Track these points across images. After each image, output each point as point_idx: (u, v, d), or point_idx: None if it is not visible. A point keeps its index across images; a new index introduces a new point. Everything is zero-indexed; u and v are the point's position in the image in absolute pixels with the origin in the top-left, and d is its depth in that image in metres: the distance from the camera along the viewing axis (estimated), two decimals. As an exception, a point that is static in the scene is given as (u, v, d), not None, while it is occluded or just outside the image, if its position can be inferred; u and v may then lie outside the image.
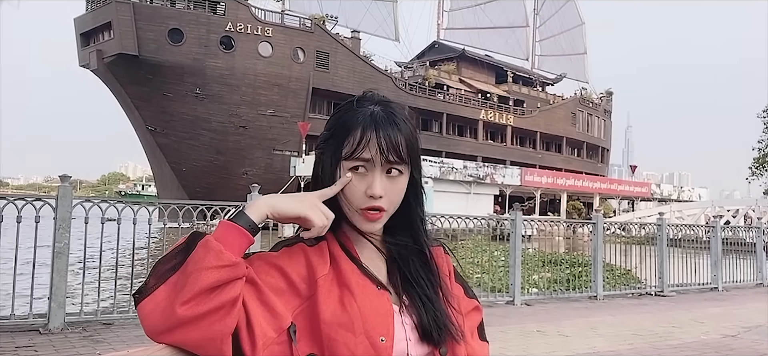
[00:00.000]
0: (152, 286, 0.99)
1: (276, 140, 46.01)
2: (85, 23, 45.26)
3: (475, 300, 1.28)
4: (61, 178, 6.33)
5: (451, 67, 62.28)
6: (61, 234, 6.07)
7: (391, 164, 1.10)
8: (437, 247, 1.25)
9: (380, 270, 1.15)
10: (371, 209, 1.10)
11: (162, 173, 46.94)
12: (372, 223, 1.12)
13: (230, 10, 44.36)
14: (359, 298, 1.07)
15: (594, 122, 72.93)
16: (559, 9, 76.42)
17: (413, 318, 1.12)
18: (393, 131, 1.11)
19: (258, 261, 1.08)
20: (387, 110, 1.14)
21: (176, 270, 0.98)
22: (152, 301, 0.98)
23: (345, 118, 1.13)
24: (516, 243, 9.41)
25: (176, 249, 1.02)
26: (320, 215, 1.07)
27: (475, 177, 47.47)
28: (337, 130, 1.13)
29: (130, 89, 43.25)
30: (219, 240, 0.99)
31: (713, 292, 12.01)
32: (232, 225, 1.02)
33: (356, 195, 1.10)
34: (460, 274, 1.30)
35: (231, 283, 0.97)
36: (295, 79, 46.27)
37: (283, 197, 1.08)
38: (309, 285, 1.07)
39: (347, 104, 1.17)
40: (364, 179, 1.10)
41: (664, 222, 11.84)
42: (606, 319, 8.35)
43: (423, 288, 1.15)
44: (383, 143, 1.09)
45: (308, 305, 1.06)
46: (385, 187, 1.10)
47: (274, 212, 1.06)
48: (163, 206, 7.12)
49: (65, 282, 6.10)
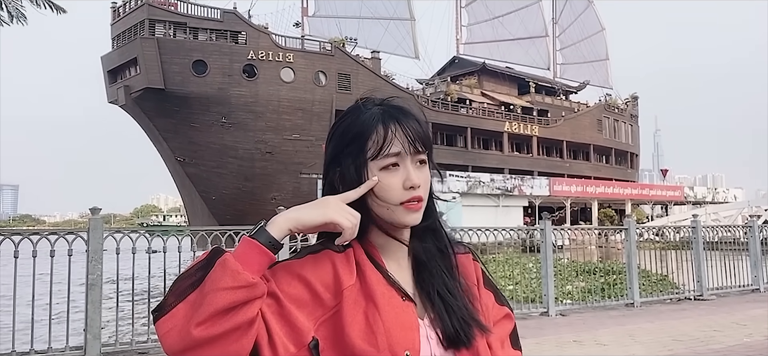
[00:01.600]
0: (171, 304, 0.98)
1: (302, 163, 46.32)
2: (111, 61, 46.35)
3: (506, 307, 1.25)
4: (92, 211, 6.42)
5: (473, 81, 62.13)
6: (94, 266, 6.15)
7: (419, 154, 1.11)
8: (466, 254, 1.23)
9: (406, 278, 1.13)
10: (411, 200, 1.09)
11: (192, 202, 47.55)
12: (415, 213, 1.10)
13: (251, 38, 45.02)
14: (384, 312, 1.05)
15: (621, 127, 71.95)
16: (578, 16, 75.95)
17: (437, 331, 1.09)
18: (413, 121, 1.12)
19: (281, 271, 1.06)
20: (398, 105, 1.14)
21: (195, 288, 0.97)
22: (171, 320, 0.97)
23: (357, 122, 1.12)
24: (547, 253, 9.28)
25: (196, 266, 1.01)
26: (347, 216, 1.05)
27: (502, 190, 47.12)
28: (351, 136, 1.11)
29: (158, 121, 44.06)
30: (238, 259, 0.98)
31: (755, 293, 11.67)
32: (252, 243, 1.01)
33: (394, 191, 1.09)
34: (490, 280, 1.26)
35: (248, 304, 0.96)
36: (318, 103, 46.65)
37: (304, 208, 1.06)
38: (334, 295, 1.05)
39: (350, 110, 1.16)
40: (397, 173, 1.09)
41: (699, 224, 11.57)
42: (644, 326, 8.15)
43: (449, 293, 1.13)
44: (410, 133, 1.10)
45: (333, 315, 1.04)
46: (419, 176, 1.10)
47: (298, 226, 1.05)
48: (192, 233, 7.18)
49: (100, 314, 6.16)
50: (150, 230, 7.30)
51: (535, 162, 60.51)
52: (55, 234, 6.20)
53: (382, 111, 1.12)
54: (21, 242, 6.07)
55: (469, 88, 60.65)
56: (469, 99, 59.02)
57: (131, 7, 44.86)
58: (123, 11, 45.74)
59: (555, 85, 69.81)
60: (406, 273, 1.14)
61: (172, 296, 0.99)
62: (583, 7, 76.60)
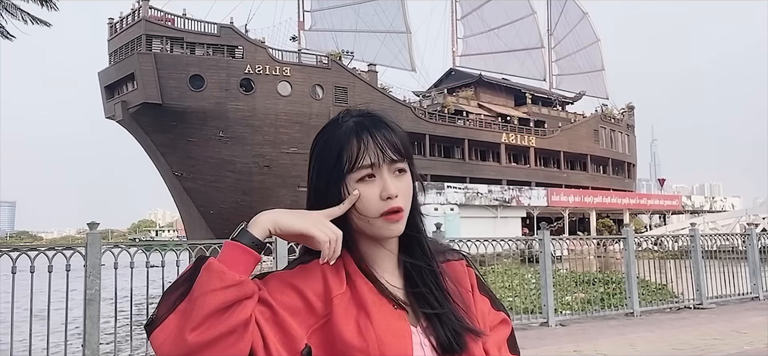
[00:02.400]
0: (162, 315, 0.98)
1: (300, 177, 46.28)
2: (108, 76, 46.41)
3: (502, 313, 1.25)
4: (90, 226, 6.41)
5: (469, 93, 62.31)
6: (92, 281, 6.13)
7: (394, 163, 1.10)
8: (460, 260, 1.23)
9: (397, 286, 1.14)
10: (390, 211, 1.08)
11: (190, 217, 47.47)
12: (396, 224, 1.09)
13: (248, 53, 45.15)
14: (376, 320, 1.05)
15: (617, 137, 72.12)
16: (573, 27, 76.34)
17: (431, 339, 1.09)
18: (386, 130, 1.11)
19: (273, 280, 1.06)
20: (371, 116, 1.14)
21: (184, 297, 0.97)
22: (164, 331, 0.96)
23: (333, 137, 1.11)
24: (546, 263, 9.28)
25: (183, 276, 1.01)
26: (326, 232, 1.04)
27: (500, 201, 47.16)
28: (328, 151, 1.11)
29: (155, 136, 44.07)
30: (223, 261, 0.98)
31: (754, 301, 11.67)
32: (235, 244, 1.02)
33: (372, 203, 1.08)
34: (485, 285, 1.26)
35: (240, 304, 0.96)
36: (315, 116, 46.71)
37: (287, 213, 1.06)
38: (325, 303, 1.05)
39: (327, 126, 1.15)
40: (374, 184, 1.09)
41: (697, 233, 11.58)
42: (644, 335, 8.14)
43: (441, 300, 1.13)
44: (381, 142, 1.09)
45: (324, 323, 1.05)
46: (397, 186, 1.09)
47: (277, 228, 1.05)
48: (190, 247, 7.16)
49: (98, 329, 6.14)
50: (147, 245, 7.28)
51: (533, 173, 60.58)
52: (53, 250, 6.18)
53: (355, 123, 1.11)
54: (19, 257, 6.06)
55: (465, 99, 60.80)
56: (465, 111, 59.16)
57: (128, 23, 45.01)
58: (120, 27, 45.88)
59: (551, 96, 70.02)
60: (397, 281, 1.14)
61: (162, 308, 0.99)
62: (578, 19, 77.02)
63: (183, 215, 49.69)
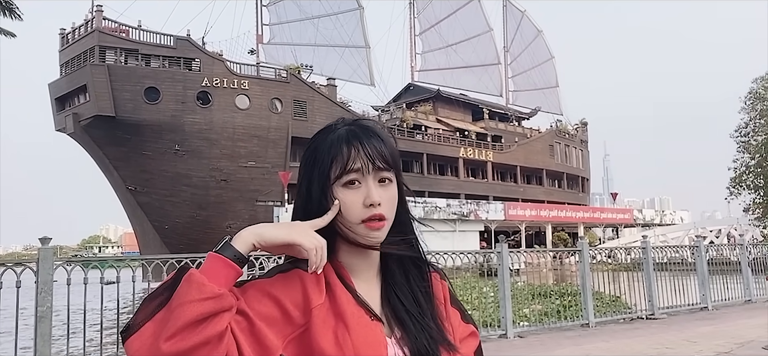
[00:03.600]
0: (139, 323, 0.97)
1: (258, 191, 45.83)
2: (59, 88, 45.12)
3: (471, 325, 1.27)
4: (42, 240, 6.22)
5: (428, 107, 62.89)
6: (44, 298, 5.94)
7: (380, 172, 1.12)
8: (433, 273, 1.25)
9: (375, 297, 1.15)
10: (372, 218, 1.10)
11: (144, 231, 46.37)
12: (376, 232, 1.11)
13: (205, 65, 44.58)
14: (353, 331, 1.06)
15: (572, 152, 73.78)
16: (528, 45, 77.98)
17: (405, 349, 1.11)
18: (375, 139, 1.13)
19: (251, 289, 1.07)
20: (363, 125, 1.17)
21: (163, 306, 0.97)
22: (139, 339, 0.96)
23: (323, 144, 1.14)
24: (504, 276, 9.40)
25: (163, 285, 1.00)
26: (312, 240, 1.06)
27: (459, 215, 47.58)
28: (318, 156, 1.13)
29: (108, 150, 42.99)
30: (204, 273, 0.99)
31: (703, 311, 12.05)
32: (217, 257, 1.02)
33: (355, 209, 1.10)
34: (457, 298, 1.28)
35: (216, 316, 0.96)
36: (274, 130, 46.38)
37: (270, 226, 1.08)
38: (303, 313, 1.06)
39: (319, 133, 1.18)
40: (359, 191, 1.10)
41: (648, 245, 11.91)
42: (599, 345, 8.32)
43: (416, 312, 1.14)
44: (369, 151, 1.11)
45: (302, 333, 1.05)
46: (381, 195, 1.11)
47: (261, 241, 1.05)
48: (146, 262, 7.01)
49: (49, 347, 5.94)
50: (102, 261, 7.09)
51: (491, 187, 61.37)
52: (3, 266, 5.97)
53: (346, 131, 1.14)
54: (-35, 274, 5.82)
55: (424, 114, 61.33)
56: (424, 125, 59.62)
57: (81, 34, 43.91)
58: (72, 38, 44.73)
59: (508, 112, 71.25)
60: (374, 292, 1.16)
61: (140, 315, 0.98)
62: (533, 36, 78.75)
63: (136, 230, 48.48)
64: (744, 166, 34.31)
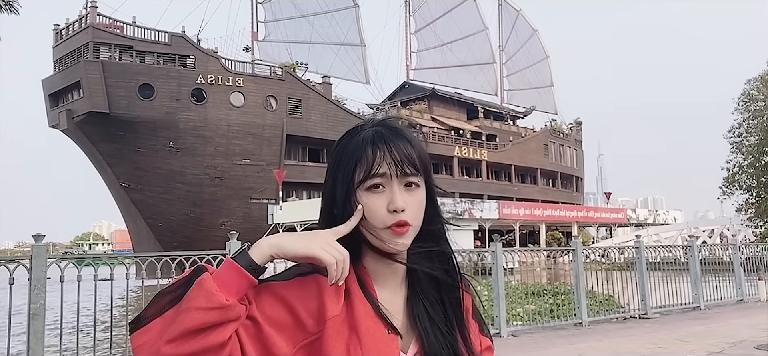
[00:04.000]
0: (149, 317, 0.97)
1: (252, 188, 45.75)
2: (53, 84, 44.92)
3: (488, 339, 1.26)
4: (35, 237, 6.20)
5: (423, 106, 62.92)
6: (37, 295, 5.92)
7: (407, 177, 1.08)
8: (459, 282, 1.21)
9: (398, 306, 1.12)
10: (396, 225, 1.06)
11: (138, 228, 46.23)
12: (401, 237, 1.07)
13: (200, 62, 44.48)
14: (365, 346, 1.03)
15: (566, 152, 73.97)
16: (523, 44, 78.10)
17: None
18: (403, 142, 1.09)
19: (265, 292, 1.04)
20: (390, 126, 1.13)
21: (174, 304, 0.97)
22: (146, 334, 0.96)
23: (350, 146, 1.10)
24: (498, 274, 9.42)
25: (178, 283, 1.00)
26: (333, 253, 1.02)
27: (453, 213, 47.58)
28: (343, 159, 1.09)
29: (101, 146, 42.83)
30: (217, 280, 0.97)
31: (696, 311, 12.11)
32: (233, 265, 1.00)
33: (379, 215, 1.06)
34: (478, 310, 1.26)
35: (220, 326, 0.95)
36: (268, 127, 46.31)
37: (290, 236, 1.05)
38: (317, 322, 1.03)
39: (347, 134, 1.14)
40: (383, 196, 1.07)
41: (642, 245, 11.96)
42: (592, 344, 8.35)
43: (442, 323, 1.11)
44: (396, 154, 1.07)
45: (313, 341, 1.03)
46: (406, 200, 1.07)
47: (280, 253, 1.03)
48: (140, 260, 6.99)
49: (42, 345, 5.92)
50: (96, 258, 7.07)
51: (485, 186, 61.46)
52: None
53: (373, 133, 1.10)
54: (-43, 271, 5.80)
55: (419, 113, 61.33)
56: (419, 124, 59.52)
57: (75, 30, 43.72)
58: (66, 34, 44.52)
59: (502, 111, 71.34)
60: (398, 300, 1.12)
61: (151, 309, 0.98)
62: (528, 36, 78.88)
63: (130, 228, 48.34)
64: (737, 166, 34.46)
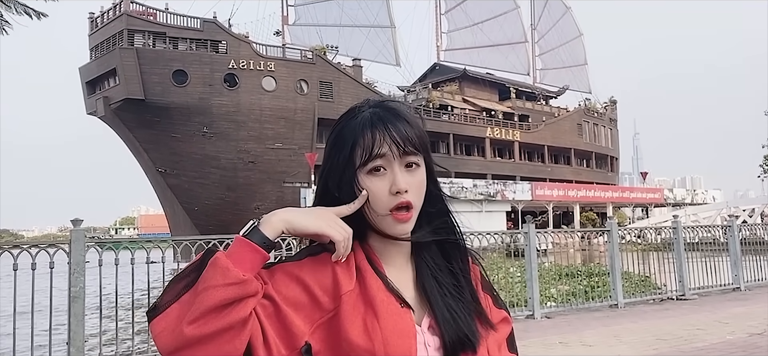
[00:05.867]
0: (166, 304, 0.98)
1: (285, 172, 46.19)
2: (90, 72, 45.89)
3: (504, 311, 1.23)
4: (74, 222, 6.34)
5: (454, 87, 62.47)
6: (76, 278, 6.08)
7: (407, 156, 1.08)
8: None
9: (407, 283, 1.12)
10: (399, 207, 1.06)
11: (174, 213, 47.16)
12: (404, 224, 1.08)
13: (232, 47, 44.87)
14: (382, 319, 1.03)
15: (600, 131, 72.73)
16: (556, 22, 76.76)
17: (436, 338, 1.08)
18: (401, 122, 1.09)
19: (279, 272, 1.05)
20: (388, 106, 1.12)
21: (189, 288, 0.97)
22: (164, 320, 0.97)
23: (348, 127, 1.10)
24: (531, 256, 9.34)
25: (191, 267, 1.00)
26: (340, 231, 1.04)
27: (485, 195, 47.37)
28: (342, 141, 1.10)
29: (138, 132, 43.68)
30: (230, 257, 0.98)
31: (736, 292, 11.83)
32: (244, 242, 1.01)
33: (381, 198, 1.07)
34: (488, 282, 1.25)
35: (240, 302, 0.95)
36: (300, 111, 46.57)
37: (299, 212, 1.05)
38: (332, 299, 1.04)
39: (344, 116, 1.14)
40: (385, 178, 1.07)
41: (679, 225, 11.71)
42: (628, 326, 8.23)
43: (452, 295, 1.11)
44: (395, 135, 1.07)
45: (330, 319, 1.03)
46: (408, 181, 1.07)
47: (290, 228, 1.04)
48: (175, 243, 7.12)
49: (83, 327, 6.08)
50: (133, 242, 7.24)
51: (518, 167, 60.90)
52: (37, 247, 6.12)
53: (371, 114, 1.10)
54: (1, 255, 5.99)
55: (450, 94, 60.95)
56: (450, 105, 59.28)
57: (109, 18, 44.50)
58: (101, 22, 45.34)
59: (535, 91, 70.43)
60: (406, 278, 1.13)
61: (166, 296, 0.99)
62: (561, 13, 77.44)
63: (167, 212, 49.33)
64: (779, 144, 33.44)
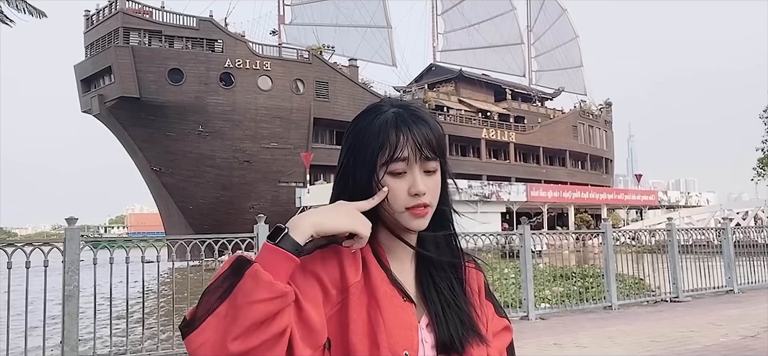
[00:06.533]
0: (201, 317, 0.96)
1: (281, 172, 46.13)
2: (85, 69, 45.73)
3: (505, 320, 1.26)
4: (68, 221, 6.32)
5: (450, 88, 62.54)
6: (71, 277, 6.06)
7: (427, 161, 1.11)
8: (469, 262, 1.24)
9: (408, 280, 1.14)
10: (417, 207, 1.09)
11: (169, 212, 47.04)
12: (420, 219, 1.10)
13: (228, 46, 44.79)
14: (386, 311, 1.06)
15: (595, 133, 72.91)
16: (552, 24, 76.88)
17: (432, 336, 1.10)
18: (423, 127, 1.11)
19: (297, 271, 1.04)
20: (410, 110, 1.14)
21: (224, 299, 0.96)
22: (201, 335, 0.95)
23: (370, 128, 1.11)
24: (526, 257, 9.36)
25: (221, 276, 0.98)
26: (366, 226, 1.06)
27: (480, 196, 47.36)
28: (364, 139, 1.11)
29: (133, 131, 43.54)
30: (266, 268, 0.97)
31: (729, 294, 11.89)
32: (278, 250, 0.99)
33: (400, 197, 1.09)
34: (491, 291, 1.27)
35: (281, 312, 0.95)
36: (296, 111, 46.53)
37: (327, 213, 1.05)
38: (340, 291, 1.06)
39: (364, 114, 1.15)
40: (405, 179, 1.09)
41: (674, 227, 11.76)
42: (622, 328, 8.26)
43: (450, 297, 1.14)
44: (418, 138, 1.09)
45: (338, 311, 1.05)
46: (426, 183, 1.10)
47: (320, 232, 1.03)
48: (170, 242, 7.10)
49: (77, 325, 6.06)
50: (127, 241, 7.21)
51: (513, 168, 60.99)
52: (31, 246, 6.09)
53: (395, 115, 1.11)
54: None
55: (446, 95, 61.00)
56: (446, 106, 59.32)
57: (105, 16, 44.36)
58: (96, 19, 45.20)
59: (531, 92, 70.55)
60: (408, 275, 1.15)
61: (201, 309, 0.97)
62: (557, 15, 77.57)
63: (161, 211, 49.20)
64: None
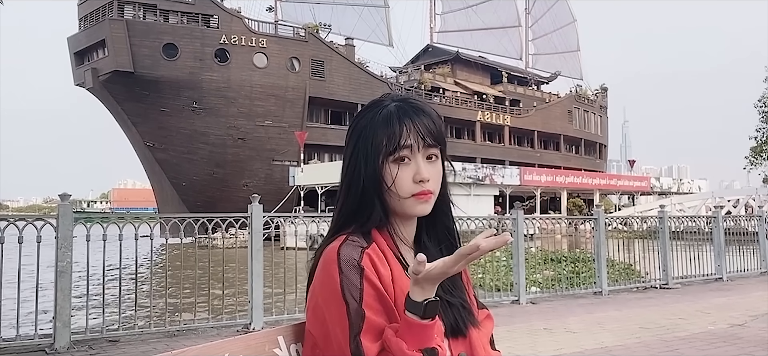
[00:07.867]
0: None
1: (275, 150, 46.01)
2: (78, 42, 45.29)
3: (486, 309, 1.33)
4: (61, 197, 6.31)
5: (446, 69, 62.34)
6: (64, 253, 6.05)
7: (429, 149, 1.19)
8: None
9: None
10: (421, 193, 1.17)
11: (162, 188, 46.93)
12: (424, 204, 1.18)
13: (224, 22, 44.42)
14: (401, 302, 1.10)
15: (590, 118, 72.97)
16: (550, 7, 76.55)
17: (442, 322, 1.15)
18: (425, 117, 1.19)
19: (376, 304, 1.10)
20: (410, 102, 1.22)
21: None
22: None
23: (375, 121, 1.19)
24: (518, 242, 9.40)
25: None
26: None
27: (474, 179, 47.43)
28: (369, 131, 1.18)
29: (126, 105, 43.27)
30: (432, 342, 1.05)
31: (718, 282, 11.99)
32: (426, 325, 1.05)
33: (405, 184, 1.17)
34: (471, 284, 1.34)
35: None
36: (291, 89, 46.31)
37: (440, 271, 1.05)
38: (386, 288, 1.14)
39: (367, 109, 1.23)
40: (409, 167, 1.17)
41: (665, 215, 11.82)
42: (612, 314, 8.32)
43: (447, 283, 1.17)
44: (420, 128, 1.17)
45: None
46: (429, 171, 1.18)
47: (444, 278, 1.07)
48: (164, 220, 7.09)
49: (69, 301, 6.07)
50: (121, 217, 7.20)
51: (507, 152, 61.07)
52: (24, 220, 6.08)
53: (397, 108, 1.19)
54: (-13, 227, 5.94)
55: (442, 76, 60.83)
56: (442, 88, 59.20)
57: (99, -12, 43.86)
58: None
59: (527, 76, 70.43)
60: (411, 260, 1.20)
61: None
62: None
63: (154, 187, 49.08)
64: (766, 136, 33.75)
